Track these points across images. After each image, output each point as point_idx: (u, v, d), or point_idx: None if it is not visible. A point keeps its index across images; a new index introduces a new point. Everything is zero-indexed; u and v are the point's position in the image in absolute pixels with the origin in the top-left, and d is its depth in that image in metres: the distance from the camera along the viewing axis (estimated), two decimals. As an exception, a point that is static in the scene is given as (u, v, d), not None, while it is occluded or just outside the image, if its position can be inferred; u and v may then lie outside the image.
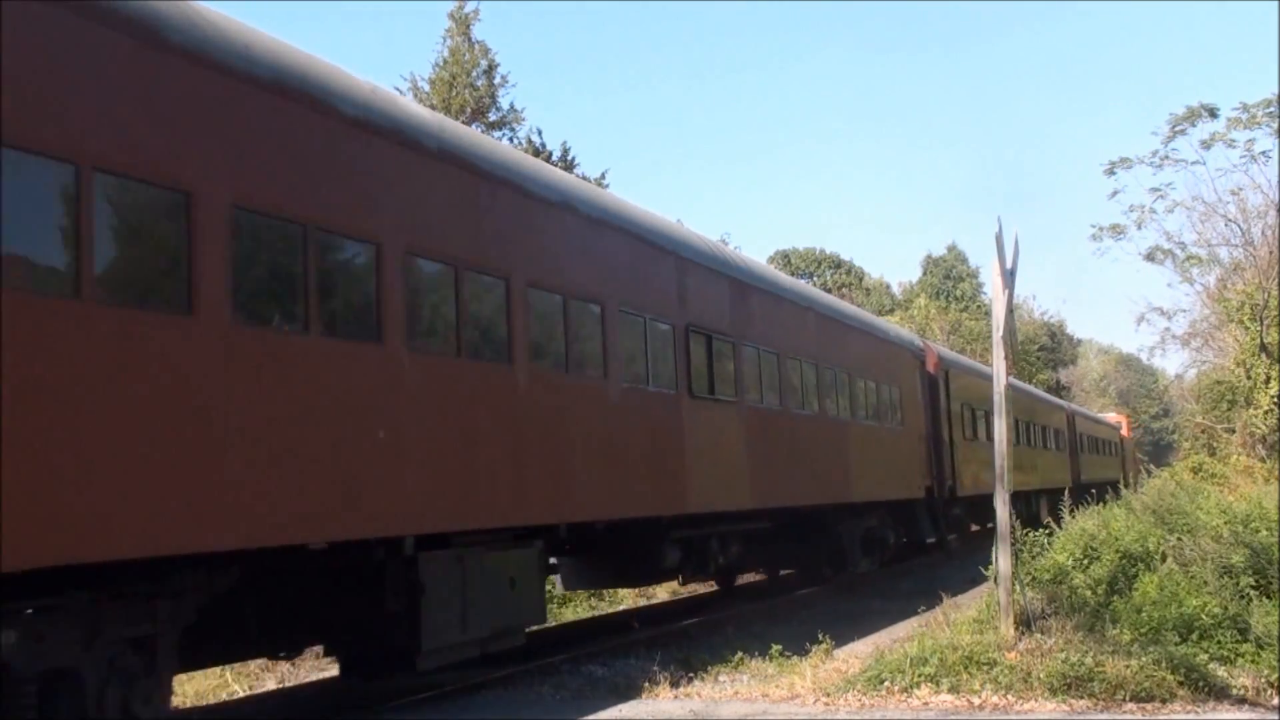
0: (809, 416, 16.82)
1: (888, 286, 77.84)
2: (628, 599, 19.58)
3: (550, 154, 32.04)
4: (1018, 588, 9.96)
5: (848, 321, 19.64)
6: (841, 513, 18.36)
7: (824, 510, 17.60)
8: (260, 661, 12.74)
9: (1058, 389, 61.92)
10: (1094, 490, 19.85)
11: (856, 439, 18.59)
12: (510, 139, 31.80)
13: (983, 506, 26.94)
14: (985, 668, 8.77)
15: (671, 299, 12.93)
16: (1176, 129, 33.91)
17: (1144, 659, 8.42)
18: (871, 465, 19.28)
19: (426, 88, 30.86)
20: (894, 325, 24.62)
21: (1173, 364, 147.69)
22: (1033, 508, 30.63)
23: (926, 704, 8.43)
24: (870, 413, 19.66)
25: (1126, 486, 18.69)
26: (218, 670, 12.38)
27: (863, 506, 19.18)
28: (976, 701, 8.36)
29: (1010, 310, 10.44)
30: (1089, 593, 10.74)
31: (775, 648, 10.82)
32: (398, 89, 30.87)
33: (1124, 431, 59.69)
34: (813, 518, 17.60)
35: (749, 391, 14.69)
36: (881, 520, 20.63)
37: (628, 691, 9.65)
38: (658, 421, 12.32)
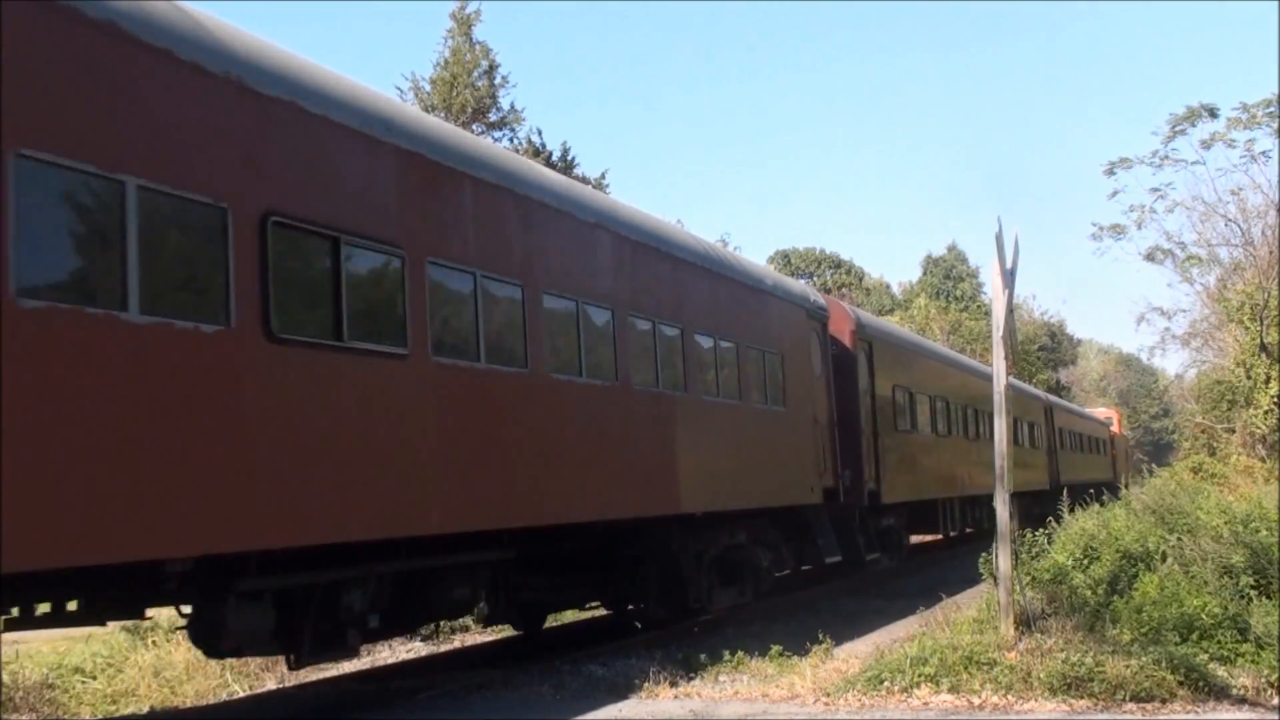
0: (594, 388, 11.11)
1: (888, 286, 77.94)
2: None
3: (550, 154, 32.06)
4: (1018, 588, 9.96)
5: (683, 255, 13.48)
6: (680, 528, 13.07)
7: (652, 525, 12.46)
8: (260, 661, 12.76)
9: (1058, 389, 61.83)
10: (1091, 492, 19.38)
11: (695, 423, 13.08)
12: (510, 139, 31.83)
13: (926, 515, 23.24)
14: (985, 668, 8.76)
15: (223, 160, 7.24)
16: (1176, 129, 34.01)
17: (1144, 659, 8.41)
18: (727, 459, 13.82)
19: (428, 88, 30.89)
20: (777, 273, 18.14)
21: (1173, 364, 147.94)
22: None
23: (926, 704, 8.43)
24: (725, 387, 14.01)
25: (1123, 488, 18.44)
26: (218, 670, 12.41)
27: (715, 518, 13.80)
28: (976, 701, 8.36)
29: (1010, 310, 10.43)
30: (1089, 593, 10.74)
31: (775, 648, 10.81)
32: (398, 89, 30.93)
33: (1115, 428, 55.39)
34: (634, 535, 12.54)
35: (445, 340, 9.08)
36: (756, 536, 15.36)
37: (627, 691, 9.64)
38: (162, 381, 6.64)
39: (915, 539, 26.31)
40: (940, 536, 26.93)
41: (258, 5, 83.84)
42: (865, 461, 18.21)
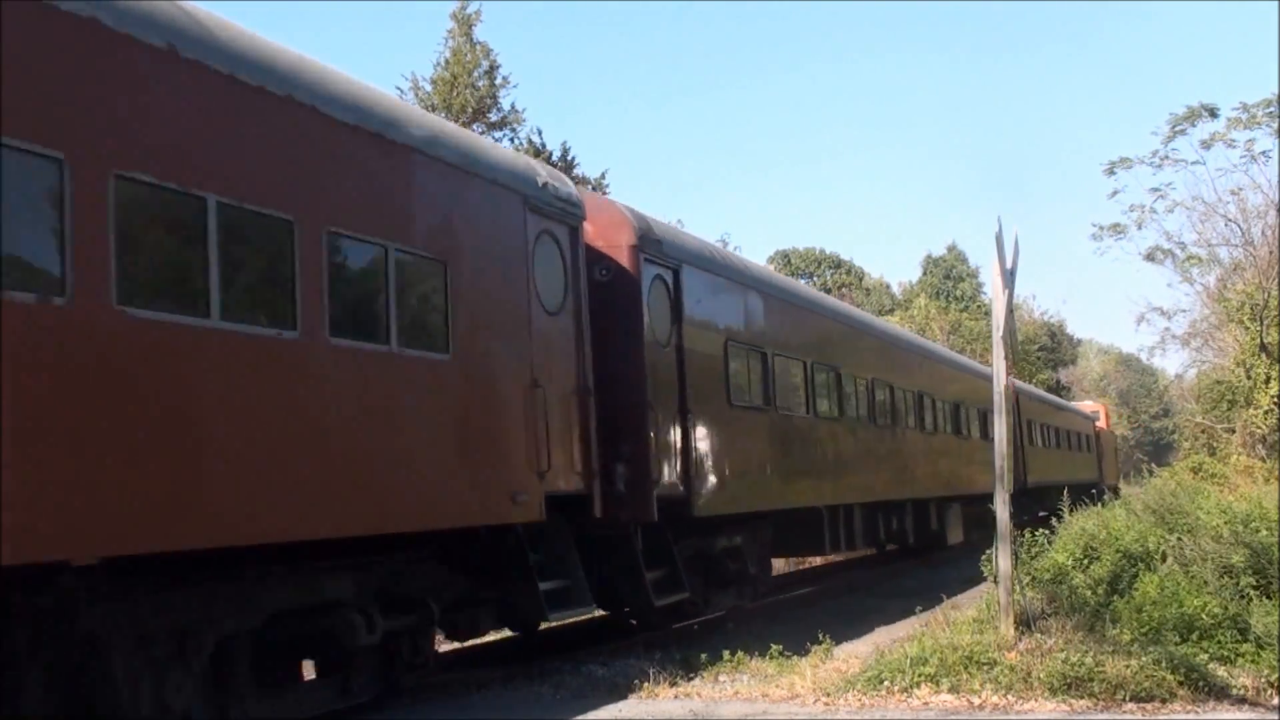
0: None
1: (888, 286, 77.94)
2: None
3: (550, 154, 32.08)
4: (1018, 588, 9.97)
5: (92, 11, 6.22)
6: (141, 586, 6.89)
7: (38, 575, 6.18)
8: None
9: (1058, 389, 61.73)
10: (1092, 496, 18.85)
11: (130, 372, 6.31)
12: (511, 139, 31.87)
13: (803, 534, 16.52)
14: (985, 668, 8.77)
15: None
16: (1176, 129, 34.07)
17: (1144, 659, 8.42)
18: (258, 446, 7.16)
19: (428, 87, 30.92)
20: (452, 125, 11.65)
21: (1173, 364, 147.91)
22: (935, 522, 22.93)
23: (926, 704, 8.43)
24: (252, 305, 7.34)
25: (1106, 491, 18.10)
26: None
27: (253, 560, 7.54)
28: (976, 701, 8.36)
29: (1010, 310, 10.44)
30: (1089, 593, 10.74)
31: (775, 648, 10.81)
32: (399, 89, 30.94)
33: (1101, 423, 50.13)
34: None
35: None
36: (385, 584, 8.99)
37: (627, 691, 9.64)
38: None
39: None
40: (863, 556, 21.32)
41: (257, 5, 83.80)
42: (654, 452, 11.79)
